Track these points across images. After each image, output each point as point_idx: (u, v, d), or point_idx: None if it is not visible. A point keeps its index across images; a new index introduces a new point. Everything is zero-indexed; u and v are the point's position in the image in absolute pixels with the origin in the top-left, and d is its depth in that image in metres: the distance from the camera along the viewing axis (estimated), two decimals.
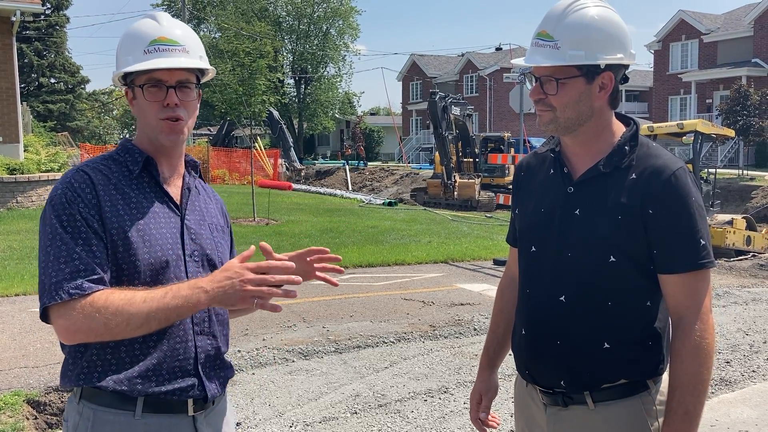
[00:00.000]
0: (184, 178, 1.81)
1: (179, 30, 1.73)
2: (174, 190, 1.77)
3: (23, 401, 4.46)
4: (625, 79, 1.79)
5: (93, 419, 1.62)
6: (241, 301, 1.51)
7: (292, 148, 33.93)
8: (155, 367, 1.62)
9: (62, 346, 1.67)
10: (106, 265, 1.58)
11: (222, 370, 1.77)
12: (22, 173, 15.34)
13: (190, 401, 1.68)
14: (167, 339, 1.64)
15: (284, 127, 34.33)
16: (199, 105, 1.79)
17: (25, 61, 39.45)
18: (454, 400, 4.74)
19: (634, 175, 1.71)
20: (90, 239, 1.58)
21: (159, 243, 1.65)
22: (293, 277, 1.54)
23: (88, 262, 1.55)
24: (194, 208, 1.79)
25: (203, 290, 1.52)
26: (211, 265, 1.75)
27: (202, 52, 1.77)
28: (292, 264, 1.57)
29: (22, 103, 18.41)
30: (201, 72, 1.77)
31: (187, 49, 1.71)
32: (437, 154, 22.38)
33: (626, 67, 1.76)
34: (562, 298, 1.75)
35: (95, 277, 1.55)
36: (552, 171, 1.84)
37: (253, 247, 1.63)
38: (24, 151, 16.95)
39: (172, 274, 1.66)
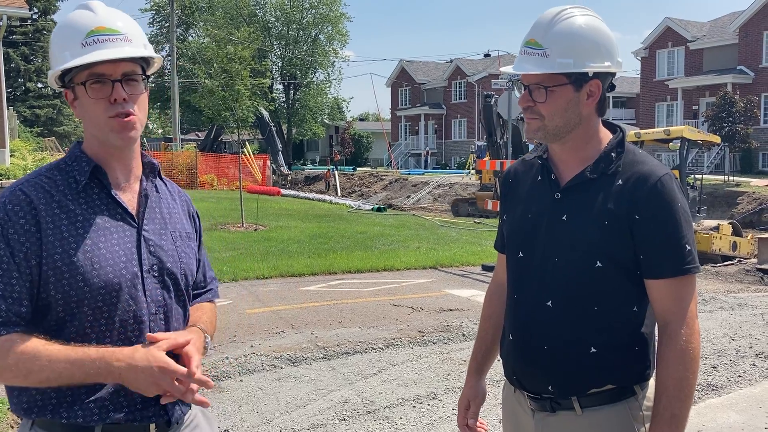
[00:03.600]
0: (141, 183, 1.65)
1: (117, 18, 1.57)
2: (130, 196, 1.62)
3: (7, 409, 4.42)
4: (612, 87, 1.80)
5: None
6: (148, 394, 1.48)
7: (280, 153, 33.82)
8: (111, 397, 1.52)
9: None
10: (24, 301, 1.46)
11: None
12: (8, 179, 15.24)
13: (153, 425, 1.58)
14: None
15: (274, 129, 34.22)
16: (147, 99, 1.64)
17: (12, 65, 39.22)
18: (443, 407, 4.74)
19: (620, 181, 1.72)
20: (10, 271, 1.46)
21: (110, 264, 1.52)
22: (202, 399, 1.52)
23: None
24: (153, 216, 1.64)
25: (113, 372, 1.44)
26: (173, 280, 1.63)
27: (145, 40, 1.61)
28: (209, 381, 1.51)
29: (8, 108, 18.28)
30: (146, 63, 1.61)
31: (129, 37, 1.55)
32: (483, 161, 20.97)
33: (613, 75, 1.78)
34: (549, 304, 1.76)
35: (2, 319, 1.45)
36: (539, 177, 1.85)
37: (190, 335, 1.55)
38: (10, 156, 16.83)
39: (127, 295, 1.54)
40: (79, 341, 1.50)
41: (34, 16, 40.68)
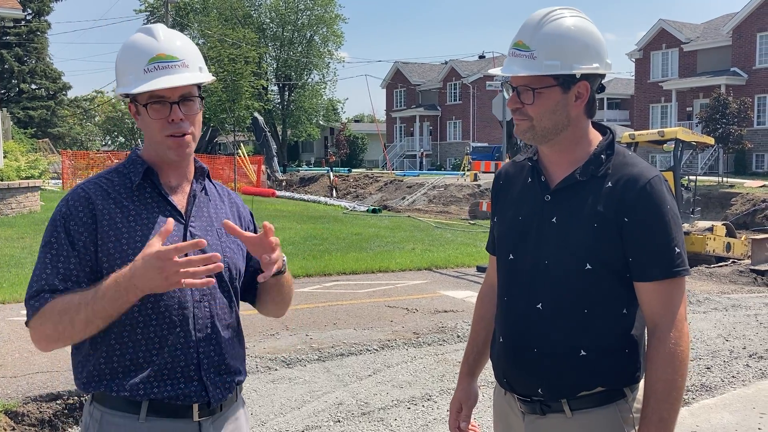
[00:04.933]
0: (192, 185, 1.82)
1: (178, 43, 1.72)
2: (180, 197, 1.79)
3: (1, 412, 4.40)
4: (602, 88, 1.80)
5: (100, 421, 1.68)
6: (168, 287, 1.55)
7: (275, 158, 33.75)
8: (157, 374, 1.66)
9: (71, 352, 1.74)
10: (83, 283, 1.63)
11: (228, 375, 1.77)
12: (2, 180, 15.18)
13: (195, 406, 1.70)
14: (168, 346, 1.67)
15: (269, 134, 34.17)
16: (201, 116, 1.81)
17: (6, 66, 39.09)
18: (438, 408, 4.74)
19: (610, 184, 1.72)
20: (69, 257, 1.65)
21: None
22: (210, 256, 1.55)
23: (53, 279, 1.63)
24: (201, 215, 1.80)
25: (128, 288, 1.54)
26: (216, 273, 1.75)
27: (201, 62, 1.77)
28: (203, 241, 1.58)
29: (2, 110, 18.22)
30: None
31: (187, 62, 1.71)
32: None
33: (602, 76, 1.78)
34: (539, 306, 1.76)
35: (55, 290, 1.63)
36: (530, 179, 1.85)
37: (170, 220, 1.59)
38: (3, 157, 16.76)
39: None
40: (128, 324, 1.66)
41: (27, 17, 40.53)
